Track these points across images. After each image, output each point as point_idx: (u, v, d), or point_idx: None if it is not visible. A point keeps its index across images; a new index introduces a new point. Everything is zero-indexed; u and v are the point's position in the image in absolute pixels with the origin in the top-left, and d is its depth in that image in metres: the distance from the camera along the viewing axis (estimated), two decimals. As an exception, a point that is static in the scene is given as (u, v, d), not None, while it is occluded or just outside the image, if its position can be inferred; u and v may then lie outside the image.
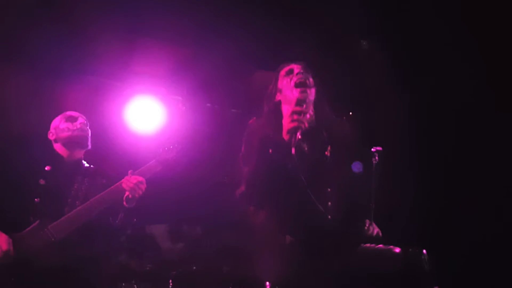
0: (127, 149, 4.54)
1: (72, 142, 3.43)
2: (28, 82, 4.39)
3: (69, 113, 3.51)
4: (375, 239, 2.86)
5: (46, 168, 3.38)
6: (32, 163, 3.37)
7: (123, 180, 3.22)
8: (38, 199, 3.27)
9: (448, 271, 3.38)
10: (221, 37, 4.51)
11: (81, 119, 3.48)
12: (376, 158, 2.97)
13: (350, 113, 4.49)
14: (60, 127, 3.45)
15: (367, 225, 2.88)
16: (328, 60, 4.59)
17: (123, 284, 4.48)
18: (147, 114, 4.84)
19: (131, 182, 3.18)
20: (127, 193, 3.19)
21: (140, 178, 3.21)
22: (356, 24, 4.47)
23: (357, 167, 2.89)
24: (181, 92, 5.00)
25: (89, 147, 3.54)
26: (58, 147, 3.47)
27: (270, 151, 2.75)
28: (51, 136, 3.49)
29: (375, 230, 2.90)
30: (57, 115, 3.56)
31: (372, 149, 2.99)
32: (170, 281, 4.53)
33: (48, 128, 3.53)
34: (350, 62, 4.76)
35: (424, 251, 2.73)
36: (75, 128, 3.41)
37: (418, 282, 2.66)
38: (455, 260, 4.24)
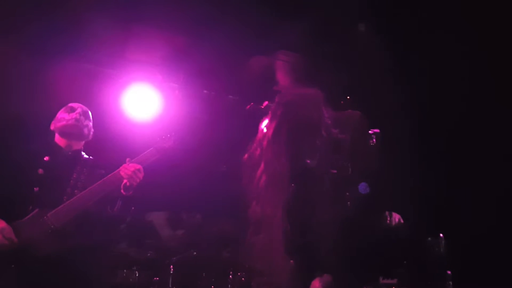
0: (125, 138, 4.54)
1: (65, 132, 3.43)
2: (25, 71, 4.39)
3: (71, 104, 3.51)
4: (399, 227, 2.83)
5: (45, 158, 3.38)
6: (32, 153, 3.37)
7: (121, 168, 3.23)
8: (37, 188, 3.26)
9: (459, 257, 3.37)
10: (217, 24, 4.49)
11: (80, 110, 3.47)
12: (374, 140, 2.96)
13: (347, 97, 4.49)
14: (58, 117, 3.47)
15: (388, 217, 2.84)
16: (324, 47, 4.58)
17: (125, 271, 4.52)
18: (143, 102, 4.83)
19: (129, 170, 3.20)
20: (125, 181, 3.20)
21: (138, 166, 3.23)
22: (353, 12, 4.45)
23: (363, 188, 2.81)
24: (178, 79, 4.99)
25: (90, 138, 3.54)
26: (57, 138, 3.48)
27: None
28: (52, 126, 3.50)
29: (396, 217, 2.88)
30: (54, 105, 3.57)
31: (370, 131, 2.98)
32: (171, 267, 4.57)
33: (46, 118, 3.54)
34: (346, 48, 4.74)
35: (441, 235, 2.71)
36: (70, 118, 3.41)
37: (434, 264, 2.66)
38: (463, 246, 4.22)
